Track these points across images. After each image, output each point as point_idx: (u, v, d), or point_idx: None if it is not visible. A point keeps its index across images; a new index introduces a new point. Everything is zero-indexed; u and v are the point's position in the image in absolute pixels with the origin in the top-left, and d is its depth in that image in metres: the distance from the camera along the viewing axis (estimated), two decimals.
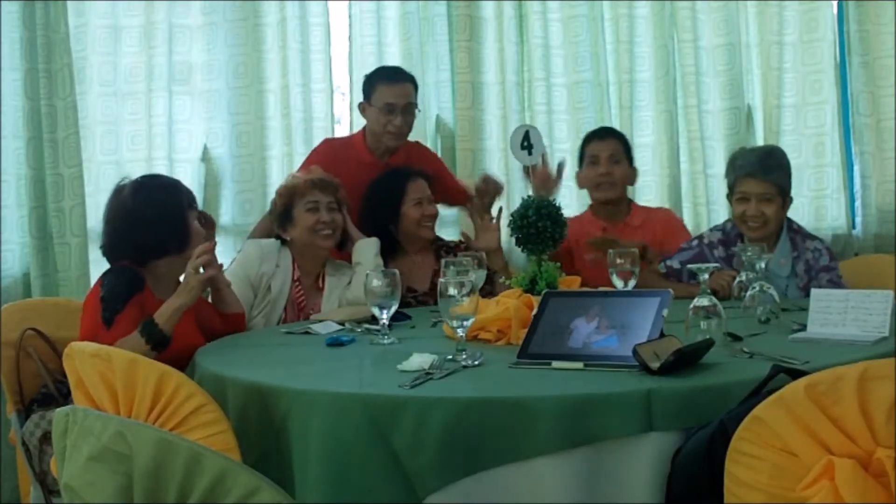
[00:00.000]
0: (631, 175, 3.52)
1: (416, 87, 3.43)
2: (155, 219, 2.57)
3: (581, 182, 3.54)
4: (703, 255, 3.08)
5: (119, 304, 2.45)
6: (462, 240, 3.36)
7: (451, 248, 3.30)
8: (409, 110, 3.36)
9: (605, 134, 3.54)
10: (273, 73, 3.67)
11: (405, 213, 3.24)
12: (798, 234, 3.08)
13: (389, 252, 3.22)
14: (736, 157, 3.17)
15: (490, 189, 3.34)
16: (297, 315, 2.97)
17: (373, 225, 3.22)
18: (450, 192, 3.50)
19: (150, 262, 2.60)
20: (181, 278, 2.54)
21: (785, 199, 3.01)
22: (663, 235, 3.38)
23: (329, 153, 3.41)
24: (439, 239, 3.40)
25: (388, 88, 3.33)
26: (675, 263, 3.10)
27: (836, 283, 2.94)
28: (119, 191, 2.66)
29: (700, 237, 3.18)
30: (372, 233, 3.17)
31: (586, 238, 3.31)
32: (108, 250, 2.63)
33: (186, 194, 2.71)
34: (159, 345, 2.38)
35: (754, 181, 2.97)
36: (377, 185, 3.29)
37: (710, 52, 4.01)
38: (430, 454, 1.67)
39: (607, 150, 3.44)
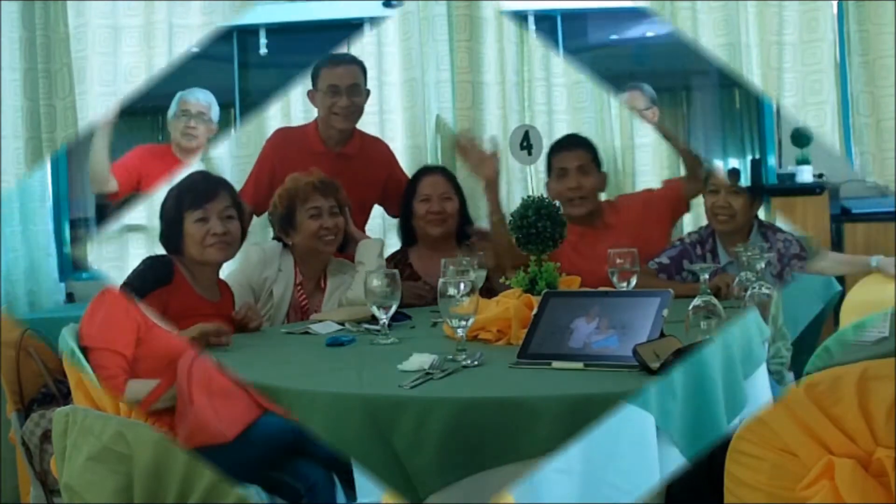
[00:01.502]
0: (600, 183, 3.30)
1: (363, 69, 3.37)
2: (162, 218, 2.61)
3: (552, 194, 3.26)
4: (687, 252, 3.17)
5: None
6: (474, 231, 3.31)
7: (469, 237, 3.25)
8: (354, 91, 3.31)
9: (571, 143, 3.34)
10: None
11: (414, 208, 3.26)
12: (769, 228, 3.19)
13: (410, 243, 3.30)
14: None
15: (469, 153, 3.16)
16: (300, 319, 2.92)
17: (401, 219, 3.32)
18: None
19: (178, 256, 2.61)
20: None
21: (754, 196, 3.14)
22: (644, 219, 3.30)
23: (281, 141, 3.40)
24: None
25: (331, 71, 3.31)
26: (664, 259, 3.17)
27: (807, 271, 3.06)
28: None
29: (681, 239, 3.24)
30: (400, 226, 3.30)
31: None
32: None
33: (199, 194, 2.61)
34: None
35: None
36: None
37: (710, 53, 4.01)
38: (430, 454, 1.66)
39: (575, 161, 3.23)
